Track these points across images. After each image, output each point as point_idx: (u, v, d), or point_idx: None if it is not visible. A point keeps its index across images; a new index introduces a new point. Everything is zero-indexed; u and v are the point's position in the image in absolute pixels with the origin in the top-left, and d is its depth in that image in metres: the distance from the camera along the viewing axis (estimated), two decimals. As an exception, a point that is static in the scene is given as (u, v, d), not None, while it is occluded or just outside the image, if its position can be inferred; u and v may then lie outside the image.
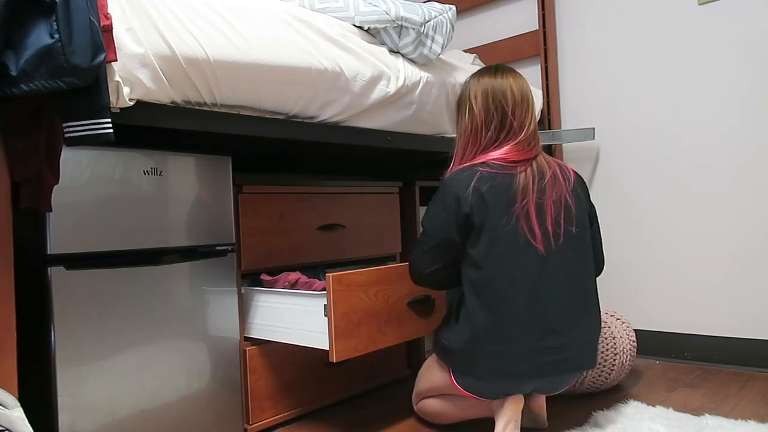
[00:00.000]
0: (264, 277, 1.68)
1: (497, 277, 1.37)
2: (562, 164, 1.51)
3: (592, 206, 1.54)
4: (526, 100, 1.50)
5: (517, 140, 1.45)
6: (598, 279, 1.54)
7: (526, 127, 1.47)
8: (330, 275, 1.41)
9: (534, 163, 1.44)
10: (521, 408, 1.46)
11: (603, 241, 1.63)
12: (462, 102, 1.55)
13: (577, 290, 1.43)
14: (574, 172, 1.52)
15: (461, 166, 1.46)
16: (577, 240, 1.44)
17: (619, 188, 2.44)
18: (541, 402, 1.59)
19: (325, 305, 1.44)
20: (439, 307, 1.66)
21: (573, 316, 1.40)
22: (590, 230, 1.50)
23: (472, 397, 1.47)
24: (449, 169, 1.51)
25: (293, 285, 1.62)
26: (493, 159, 1.43)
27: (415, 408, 1.69)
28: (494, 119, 1.46)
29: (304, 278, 1.64)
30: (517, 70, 1.61)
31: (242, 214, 1.64)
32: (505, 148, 1.44)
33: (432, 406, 1.63)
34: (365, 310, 1.48)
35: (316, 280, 1.62)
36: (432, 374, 1.59)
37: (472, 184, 1.38)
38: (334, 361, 1.41)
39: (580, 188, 1.50)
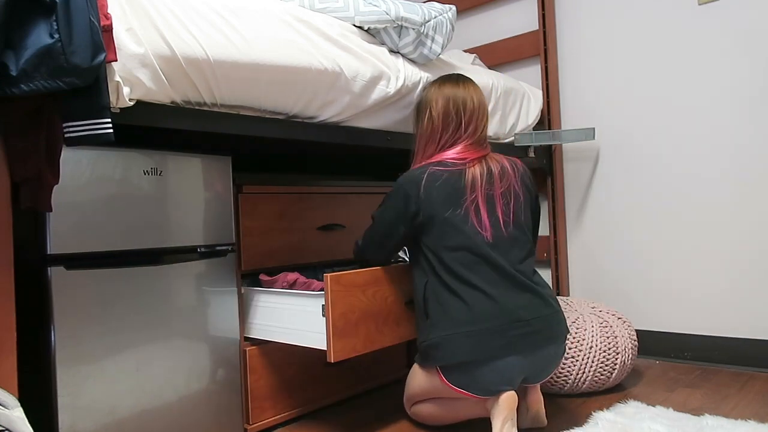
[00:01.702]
0: (262, 277, 1.68)
1: (457, 263, 1.46)
2: (511, 158, 1.65)
3: (537, 195, 1.68)
4: (483, 109, 1.64)
5: (470, 141, 1.59)
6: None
7: (480, 131, 1.61)
8: (328, 275, 1.42)
9: (483, 161, 1.57)
10: (516, 406, 1.46)
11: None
12: (422, 107, 1.67)
13: (529, 269, 1.52)
14: (522, 164, 1.65)
15: (416, 166, 1.58)
16: (525, 226, 1.56)
17: (619, 188, 2.44)
18: (537, 397, 1.59)
19: (323, 305, 1.44)
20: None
21: (533, 291, 1.48)
22: (533, 216, 1.65)
23: (467, 395, 1.47)
24: (412, 167, 1.61)
25: (291, 285, 1.62)
26: (448, 158, 1.55)
27: (408, 413, 1.69)
28: (452, 123, 1.60)
29: (302, 278, 1.64)
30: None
31: (242, 214, 1.64)
32: (459, 147, 1.58)
33: (425, 410, 1.63)
34: (363, 310, 1.49)
35: (315, 280, 1.62)
36: (420, 379, 1.58)
37: (423, 183, 1.49)
38: (332, 362, 1.42)
39: (528, 179, 1.64)
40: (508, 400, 1.45)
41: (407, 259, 1.75)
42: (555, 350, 1.50)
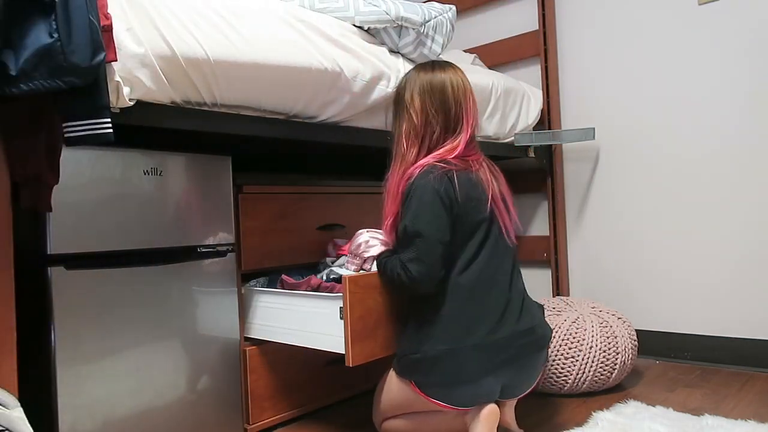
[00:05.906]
0: (285, 278, 1.61)
1: (481, 272, 1.38)
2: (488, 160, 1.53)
3: None
4: (465, 93, 1.45)
5: (467, 137, 1.44)
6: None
7: (471, 124, 1.45)
8: (346, 277, 1.37)
9: (483, 161, 1.47)
10: (497, 422, 1.37)
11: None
12: (399, 103, 1.50)
13: (520, 276, 1.49)
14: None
15: (426, 165, 1.38)
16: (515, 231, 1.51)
17: (619, 188, 2.44)
18: (511, 413, 1.48)
19: (340, 308, 1.38)
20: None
21: (527, 297, 1.47)
22: None
23: (445, 407, 1.35)
24: (397, 170, 1.45)
25: (315, 290, 1.54)
26: (452, 158, 1.40)
27: (378, 430, 1.55)
28: (436, 118, 1.43)
29: (325, 283, 1.55)
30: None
31: (242, 214, 1.64)
32: (459, 147, 1.42)
33: (398, 428, 1.49)
34: (381, 313, 1.43)
35: (336, 283, 1.52)
36: (393, 392, 1.45)
37: (455, 182, 1.36)
38: (351, 365, 1.36)
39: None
40: (490, 415, 1.35)
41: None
42: (538, 358, 1.43)
